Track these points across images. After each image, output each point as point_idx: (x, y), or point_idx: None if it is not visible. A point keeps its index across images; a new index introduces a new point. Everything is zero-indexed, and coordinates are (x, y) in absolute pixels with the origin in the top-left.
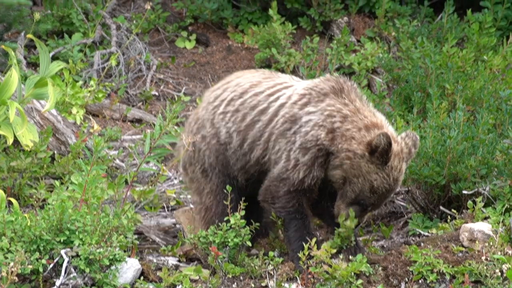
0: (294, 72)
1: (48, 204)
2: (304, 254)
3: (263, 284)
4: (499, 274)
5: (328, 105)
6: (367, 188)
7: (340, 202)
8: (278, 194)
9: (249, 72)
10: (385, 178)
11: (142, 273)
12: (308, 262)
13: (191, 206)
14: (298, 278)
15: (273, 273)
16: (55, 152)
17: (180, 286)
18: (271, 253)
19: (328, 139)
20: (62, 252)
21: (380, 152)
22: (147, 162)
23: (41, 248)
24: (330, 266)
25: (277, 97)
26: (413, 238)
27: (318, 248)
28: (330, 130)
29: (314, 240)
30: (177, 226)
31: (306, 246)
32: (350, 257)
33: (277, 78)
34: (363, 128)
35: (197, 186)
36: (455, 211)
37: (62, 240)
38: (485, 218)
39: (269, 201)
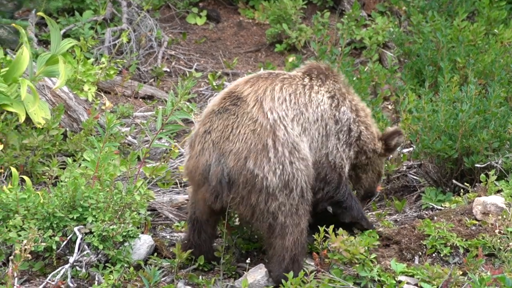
0: (306, 47)
1: (61, 181)
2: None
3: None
4: None
5: (350, 101)
6: (375, 178)
7: None
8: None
9: (261, 81)
10: (384, 163)
11: (155, 249)
12: (323, 244)
13: None
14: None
15: None
16: (67, 129)
17: (193, 262)
18: None
19: (367, 136)
20: (75, 229)
21: (393, 149)
22: (159, 139)
23: (54, 226)
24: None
25: (317, 104)
26: (426, 212)
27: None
28: (367, 126)
29: (331, 228)
30: None
31: (322, 229)
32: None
33: (284, 82)
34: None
35: (289, 208)
36: (467, 184)
37: (75, 217)
38: (498, 191)
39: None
